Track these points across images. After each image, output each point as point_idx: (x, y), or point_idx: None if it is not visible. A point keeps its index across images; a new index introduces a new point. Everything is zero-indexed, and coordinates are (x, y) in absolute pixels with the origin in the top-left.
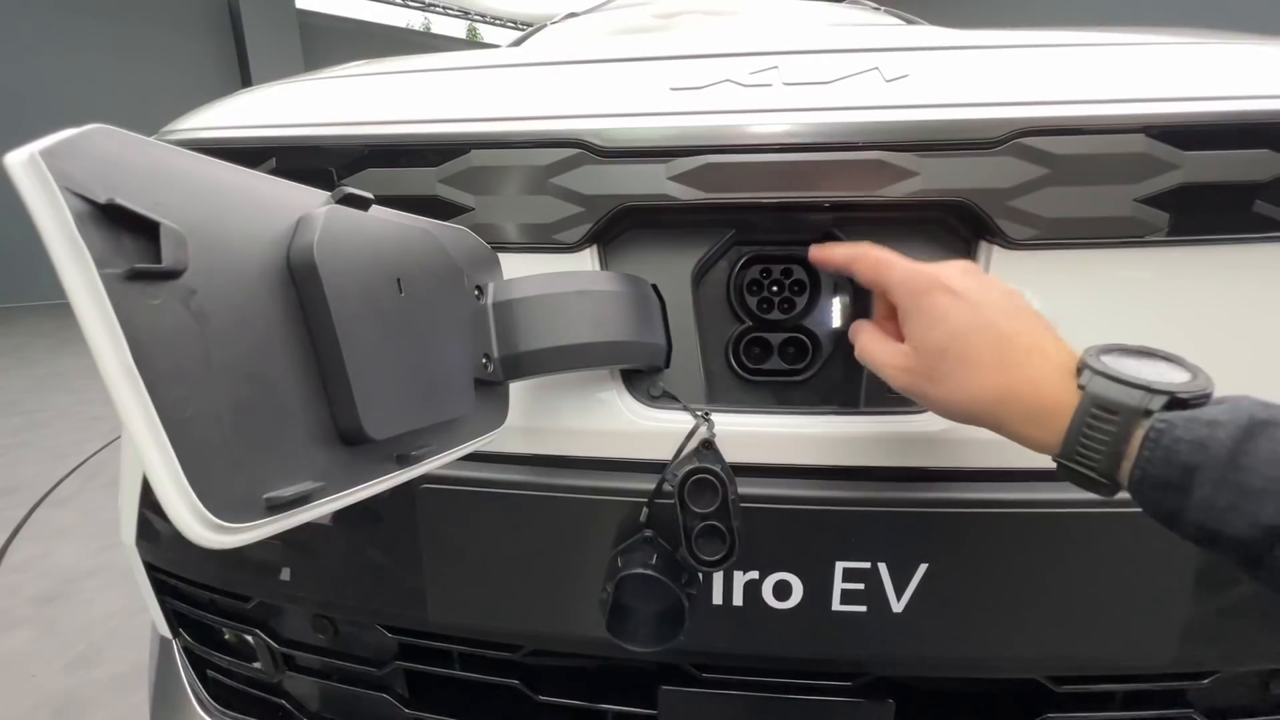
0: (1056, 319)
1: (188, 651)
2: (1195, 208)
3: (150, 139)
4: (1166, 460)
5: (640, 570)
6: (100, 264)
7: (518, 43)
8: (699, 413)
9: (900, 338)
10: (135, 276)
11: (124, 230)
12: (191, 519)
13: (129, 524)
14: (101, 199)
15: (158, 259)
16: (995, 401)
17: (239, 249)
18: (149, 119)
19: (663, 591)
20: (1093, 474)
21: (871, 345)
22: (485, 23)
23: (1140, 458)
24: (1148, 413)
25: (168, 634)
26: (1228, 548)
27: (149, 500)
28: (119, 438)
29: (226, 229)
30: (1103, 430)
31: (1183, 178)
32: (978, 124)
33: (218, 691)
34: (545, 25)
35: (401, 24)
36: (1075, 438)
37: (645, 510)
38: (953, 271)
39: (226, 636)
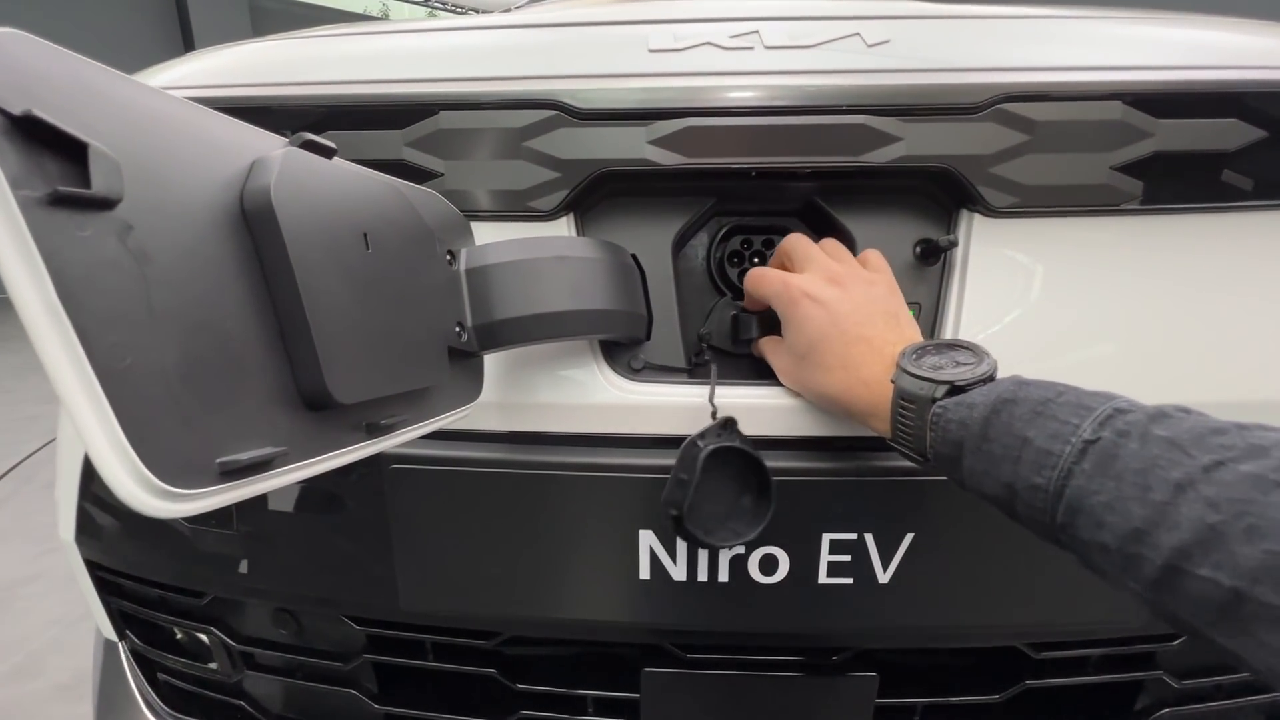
0: (1036, 288)
1: (136, 654)
2: (1168, 176)
3: (79, 55)
4: (944, 439)
5: (731, 444)
6: (15, 184)
7: None
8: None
9: None
10: (59, 201)
11: (46, 148)
12: (132, 483)
13: (67, 519)
14: (16, 110)
15: (87, 184)
16: (841, 397)
17: (185, 186)
18: None
19: (751, 467)
20: (912, 452)
21: (766, 346)
22: (447, 9)
23: (931, 437)
24: (934, 400)
25: (113, 636)
26: (992, 505)
27: (89, 493)
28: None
29: (170, 163)
30: (909, 418)
31: (1156, 145)
32: (960, 89)
33: (170, 695)
34: (510, 9)
35: (358, 9)
36: (895, 425)
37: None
38: (818, 281)
39: (178, 636)
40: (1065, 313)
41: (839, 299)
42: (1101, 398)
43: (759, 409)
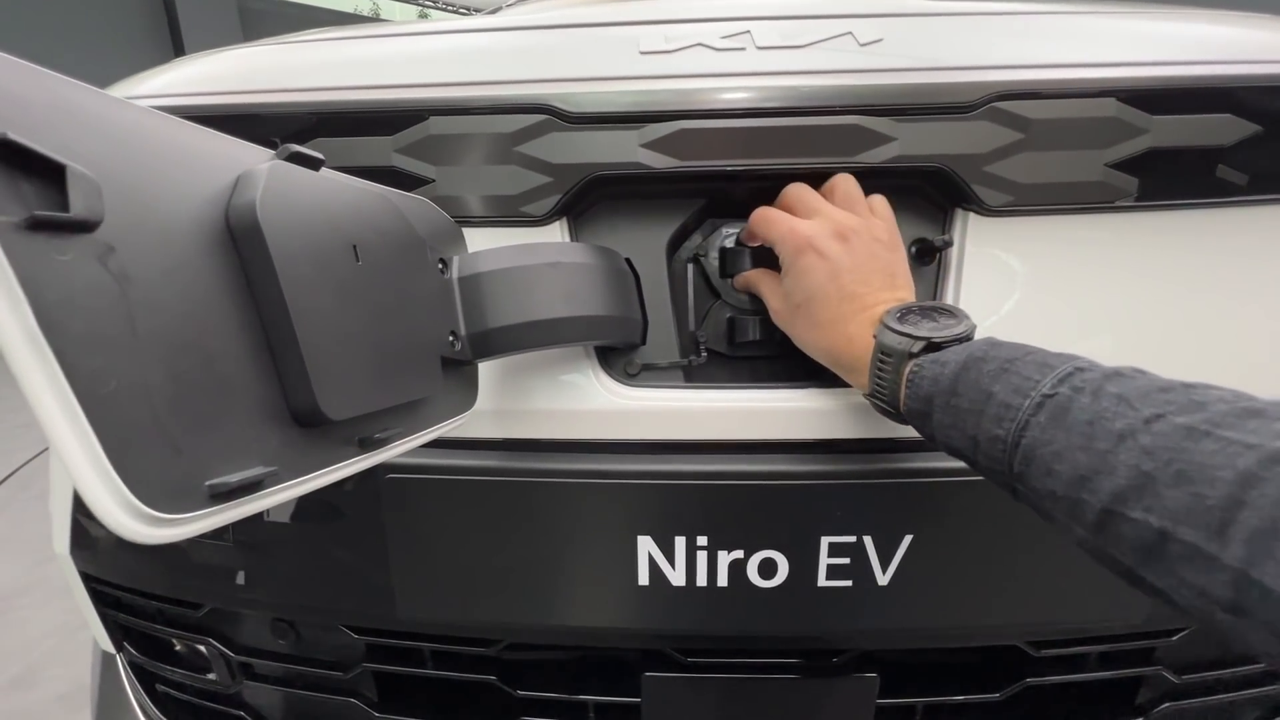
0: (1032, 287)
1: (134, 666)
2: (1163, 172)
3: (56, 73)
4: (916, 394)
5: None
6: None
7: None
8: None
9: None
10: (38, 226)
11: (22, 172)
12: (119, 510)
13: (61, 532)
14: None
15: (65, 207)
16: (829, 353)
17: (168, 205)
18: None
19: None
20: (887, 406)
21: (760, 279)
22: (437, 8)
23: (906, 393)
24: (911, 355)
25: (110, 648)
26: (959, 458)
27: (83, 505)
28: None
29: (152, 181)
30: (886, 373)
31: (1151, 142)
32: (954, 88)
33: (169, 706)
34: (500, 8)
35: (349, 8)
36: (873, 379)
37: None
38: (825, 234)
39: (177, 648)
40: (1061, 311)
41: (841, 254)
42: (1065, 358)
43: (756, 413)
